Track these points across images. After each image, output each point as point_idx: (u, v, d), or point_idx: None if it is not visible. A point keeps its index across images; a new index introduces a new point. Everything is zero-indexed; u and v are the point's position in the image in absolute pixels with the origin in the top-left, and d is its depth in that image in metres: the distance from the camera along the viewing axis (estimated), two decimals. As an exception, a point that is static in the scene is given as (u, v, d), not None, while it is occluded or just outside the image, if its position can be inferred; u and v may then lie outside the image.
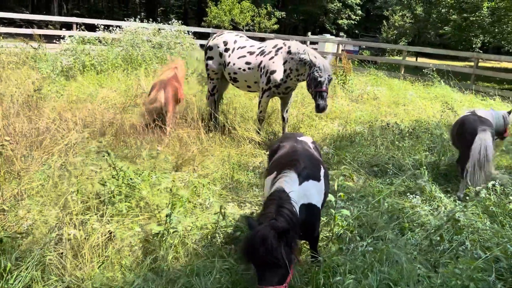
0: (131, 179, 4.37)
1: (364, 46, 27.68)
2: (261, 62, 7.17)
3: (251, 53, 7.44)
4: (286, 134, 4.61)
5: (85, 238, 3.62)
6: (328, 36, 26.39)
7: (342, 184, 4.02)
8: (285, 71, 6.97)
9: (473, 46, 21.61)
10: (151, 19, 15.97)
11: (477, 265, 3.35)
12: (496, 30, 17.58)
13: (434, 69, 13.85)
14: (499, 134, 6.45)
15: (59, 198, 4.25)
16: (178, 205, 3.79)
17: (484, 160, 5.56)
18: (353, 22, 35.20)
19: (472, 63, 32.92)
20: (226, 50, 7.72)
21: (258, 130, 7.59)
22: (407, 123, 9.62)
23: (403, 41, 33.01)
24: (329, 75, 6.54)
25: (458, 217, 4.54)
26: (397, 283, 3.33)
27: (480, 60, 34.21)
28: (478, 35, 19.56)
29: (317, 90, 6.48)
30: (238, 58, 7.51)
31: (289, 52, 6.95)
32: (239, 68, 7.46)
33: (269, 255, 2.70)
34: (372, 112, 10.84)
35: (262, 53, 7.26)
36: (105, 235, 3.66)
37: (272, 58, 7.04)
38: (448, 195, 5.63)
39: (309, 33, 24.47)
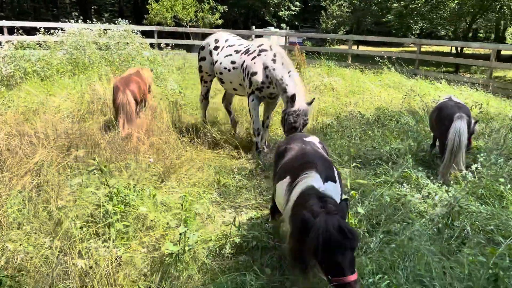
0: (125, 196, 4.04)
1: (305, 37, 28.07)
2: (244, 62, 6.68)
3: (237, 51, 6.99)
4: (292, 135, 4.45)
5: (90, 267, 3.28)
6: (272, 29, 26.46)
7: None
8: (267, 76, 6.42)
9: (413, 32, 22.69)
10: (95, 20, 15.08)
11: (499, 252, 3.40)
12: (434, 16, 18.55)
13: (386, 56, 14.24)
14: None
15: (46, 225, 3.84)
16: (189, 221, 3.54)
17: (457, 148, 5.71)
18: (292, 13, 35.56)
19: (406, 48, 34.68)
20: (216, 48, 7.33)
21: (258, 149, 6.78)
22: (371, 112, 9.84)
23: (341, 30, 33.87)
24: (304, 120, 5.95)
25: (455, 203, 4.65)
26: (425, 278, 3.33)
27: (412, 46, 35.98)
28: (417, 21, 20.59)
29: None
30: (225, 56, 7.07)
31: (274, 61, 6.40)
32: (225, 68, 7.01)
33: (352, 240, 2.58)
34: (334, 103, 10.98)
35: (247, 52, 6.78)
36: (113, 262, 3.34)
37: (254, 58, 6.55)
38: (434, 181, 5.76)
39: (253, 27, 24.40)
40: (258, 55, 6.52)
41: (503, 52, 20.39)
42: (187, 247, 3.39)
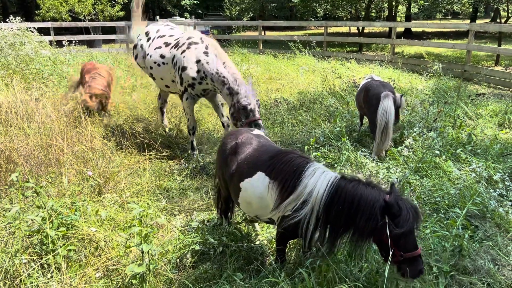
0: (65, 217, 3.57)
1: (210, 26, 27.68)
2: (174, 56, 6.16)
3: (167, 44, 6.42)
4: (234, 130, 4.17)
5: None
6: (178, 18, 25.65)
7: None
8: (198, 71, 5.94)
9: (317, 15, 23.47)
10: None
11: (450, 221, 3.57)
12: (338, -1, 19.45)
13: (299, 40, 14.48)
14: None
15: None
16: (151, 236, 3.21)
17: (386, 126, 5.95)
18: (195, 2, 34.86)
19: (308, 31, 35.91)
20: (148, 40, 6.74)
21: (193, 148, 6.44)
22: (295, 97, 9.96)
23: (246, 17, 33.99)
24: (257, 100, 5.50)
25: (405, 180, 4.83)
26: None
27: (313, 28, 37.37)
28: (321, 4, 21.34)
29: (251, 120, 5.26)
30: (155, 49, 6.48)
31: (206, 53, 5.93)
32: (154, 62, 6.45)
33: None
34: (256, 91, 10.91)
35: (176, 45, 6.23)
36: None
37: (183, 52, 6.01)
38: (371, 159, 5.94)
39: (158, 17, 23.40)
40: (188, 48, 6.04)
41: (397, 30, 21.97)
42: (152, 265, 3.08)
